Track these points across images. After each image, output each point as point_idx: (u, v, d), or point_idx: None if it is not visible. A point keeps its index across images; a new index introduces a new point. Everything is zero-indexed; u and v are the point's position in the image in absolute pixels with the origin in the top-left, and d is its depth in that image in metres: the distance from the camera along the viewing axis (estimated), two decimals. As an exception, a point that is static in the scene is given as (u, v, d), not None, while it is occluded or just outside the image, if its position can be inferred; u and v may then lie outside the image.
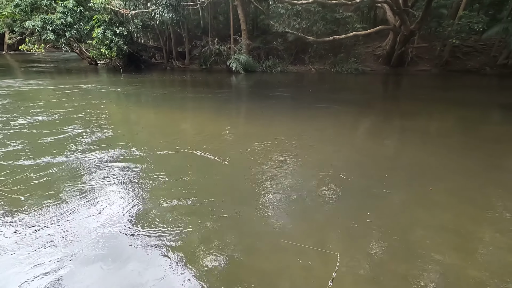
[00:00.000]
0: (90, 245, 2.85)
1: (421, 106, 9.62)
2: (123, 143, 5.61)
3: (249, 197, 3.76)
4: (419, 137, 6.45)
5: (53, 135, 5.96)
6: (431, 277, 2.48)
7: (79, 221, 3.21)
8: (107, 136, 6.02)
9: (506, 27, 15.24)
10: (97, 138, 5.85)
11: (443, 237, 2.99)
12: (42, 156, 4.86)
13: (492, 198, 3.86)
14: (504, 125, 7.59)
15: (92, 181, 4.07)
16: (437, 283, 2.43)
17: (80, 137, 5.86)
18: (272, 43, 19.15)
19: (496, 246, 2.89)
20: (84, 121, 6.98)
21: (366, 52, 19.83)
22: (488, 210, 3.56)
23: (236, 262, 2.65)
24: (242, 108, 9.91)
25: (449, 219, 3.32)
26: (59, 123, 6.76)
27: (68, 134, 6.06)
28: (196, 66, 20.05)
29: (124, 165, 4.60)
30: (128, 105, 9.52)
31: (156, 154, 5.07)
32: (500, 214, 3.49)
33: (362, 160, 5.04)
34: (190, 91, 12.49)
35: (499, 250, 2.82)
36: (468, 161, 5.04)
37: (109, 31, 16.21)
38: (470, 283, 2.43)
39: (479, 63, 17.80)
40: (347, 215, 3.40)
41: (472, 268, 2.59)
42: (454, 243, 2.90)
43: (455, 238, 2.98)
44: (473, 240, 2.97)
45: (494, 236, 3.05)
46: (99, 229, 3.08)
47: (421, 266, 2.61)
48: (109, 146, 5.44)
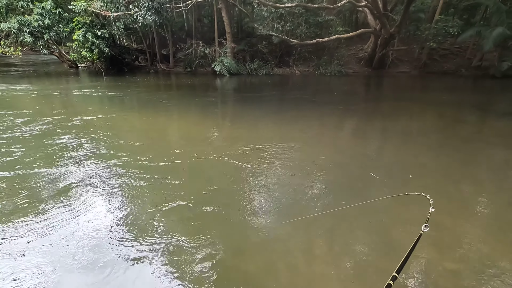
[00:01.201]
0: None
1: (401, 106, 9.94)
2: (113, 151, 5.49)
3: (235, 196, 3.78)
4: (399, 137, 6.67)
5: (47, 146, 5.77)
6: (410, 271, 2.58)
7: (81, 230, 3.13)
8: (96, 144, 5.88)
9: (479, 31, 16.00)
10: (89, 148, 5.70)
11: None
12: (41, 167, 4.70)
13: (467, 193, 4.05)
14: (477, 124, 7.98)
15: (82, 191, 3.97)
16: (416, 276, 2.52)
17: (72, 147, 5.69)
18: (256, 46, 19.30)
19: (471, 239, 3.03)
20: (76, 130, 6.73)
21: (349, 54, 20.31)
22: (463, 204, 3.73)
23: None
24: (227, 111, 9.92)
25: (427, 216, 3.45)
26: (48, 134, 6.51)
27: (59, 145, 5.88)
28: (181, 69, 19.90)
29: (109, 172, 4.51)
30: (113, 110, 9.32)
31: (140, 159, 5.00)
32: (474, 208, 3.67)
33: (346, 161, 5.16)
34: (175, 94, 12.38)
35: (474, 243, 2.96)
36: (445, 158, 5.26)
37: (90, 33, 15.84)
38: (447, 275, 2.54)
39: (455, 65, 18.60)
40: (331, 213, 3.47)
41: (449, 261, 2.71)
42: (432, 237, 3.03)
43: (433, 233, 3.10)
44: (450, 234, 3.11)
45: (469, 229, 3.20)
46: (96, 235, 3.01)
47: (400, 259, 2.70)
48: (99, 155, 5.31)
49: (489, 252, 2.80)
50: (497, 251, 2.82)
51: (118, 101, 10.51)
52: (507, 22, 15.29)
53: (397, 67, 19.36)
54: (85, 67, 20.12)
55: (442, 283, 2.46)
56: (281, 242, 2.98)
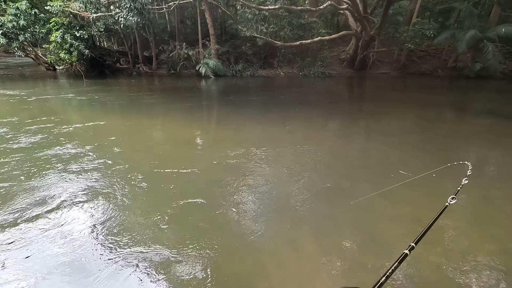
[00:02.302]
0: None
1: (383, 106, 10.25)
2: (97, 154, 5.34)
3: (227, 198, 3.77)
4: (382, 136, 6.87)
5: (29, 159, 5.51)
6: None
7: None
8: (80, 153, 5.69)
9: (453, 33, 16.76)
10: (75, 158, 5.50)
11: (406, 228, 3.22)
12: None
13: (447, 189, 4.23)
14: (454, 123, 8.35)
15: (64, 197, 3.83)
16: (401, 270, 2.61)
17: (59, 158, 5.47)
18: (241, 48, 19.33)
19: (453, 233, 3.17)
20: (61, 137, 6.50)
21: (331, 56, 20.72)
22: (444, 200, 3.89)
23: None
24: (214, 113, 9.87)
25: (410, 210, 3.59)
26: (34, 146, 6.25)
27: (43, 157, 5.64)
28: (164, 71, 19.61)
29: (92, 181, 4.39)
30: (95, 115, 9.05)
31: (124, 163, 4.90)
32: (455, 204, 3.83)
33: (332, 160, 5.26)
34: (160, 97, 12.18)
35: (455, 237, 3.10)
36: (425, 156, 5.47)
37: (68, 34, 15.32)
38: (431, 268, 2.65)
39: (432, 66, 19.39)
40: (319, 212, 3.54)
41: (432, 254, 2.82)
42: (416, 232, 3.14)
43: (416, 228, 3.22)
44: (432, 229, 3.23)
45: (450, 224, 3.35)
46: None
47: (386, 256, 2.79)
48: (84, 165, 5.14)
49: (471, 245, 2.94)
50: (476, 243, 2.96)
51: (100, 105, 10.22)
52: (478, 25, 16.11)
53: (378, 68, 19.94)
54: (64, 69, 19.44)
55: (426, 275, 2.56)
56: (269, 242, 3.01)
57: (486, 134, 7.07)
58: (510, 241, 2.98)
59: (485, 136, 6.94)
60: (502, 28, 15.68)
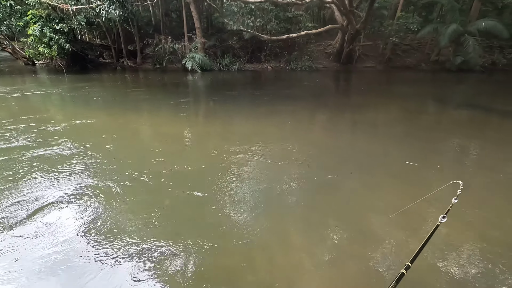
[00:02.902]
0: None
1: (368, 100, 10.42)
2: (86, 160, 5.20)
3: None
4: (368, 128, 7.01)
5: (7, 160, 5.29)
6: (379, 254, 2.75)
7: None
8: (67, 153, 5.52)
9: (436, 28, 17.12)
10: (62, 159, 5.34)
11: (390, 218, 3.32)
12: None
13: (428, 179, 4.38)
14: (435, 115, 8.60)
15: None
16: (386, 258, 2.71)
17: (43, 159, 5.29)
18: (227, 42, 19.10)
19: (434, 222, 3.29)
20: (43, 136, 6.24)
21: (318, 50, 20.80)
22: (426, 190, 4.03)
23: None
24: (201, 108, 9.78)
25: (394, 201, 3.70)
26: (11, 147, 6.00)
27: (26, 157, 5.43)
28: (149, 65, 19.20)
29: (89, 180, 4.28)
30: (79, 111, 8.80)
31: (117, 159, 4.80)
32: (437, 193, 3.98)
33: (319, 153, 5.33)
34: (146, 92, 11.93)
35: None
36: (408, 147, 5.63)
37: (47, 27, 14.71)
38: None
39: (416, 60, 19.79)
40: (306, 204, 3.60)
41: (414, 242, 2.93)
42: (399, 222, 3.25)
43: (400, 218, 3.33)
44: (415, 218, 3.36)
45: (432, 213, 3.48)
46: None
47: (370, 245, 2.88)
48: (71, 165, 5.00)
49: (449, 232, 3.06)
50: (456, 231, 3.09)
51: (84, 101, 9.93)
52: (460, 19, 16.52)
53: (364, 62, 20.19)
54: (43, 64, 18.72)
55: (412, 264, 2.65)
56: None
57: (466, 126, 7.32)
58: (485, 228, 3.13)
59: (465, 127, 7.18)
60: (482, 22, 16.15)
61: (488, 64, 17.83)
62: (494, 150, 5.54)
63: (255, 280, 2.48)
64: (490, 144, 5.90)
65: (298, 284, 2.46)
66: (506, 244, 2.89)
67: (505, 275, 2.51)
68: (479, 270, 2.56)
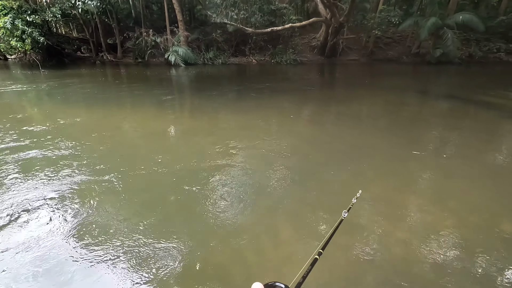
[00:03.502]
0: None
1: (353, 92, 10.56)
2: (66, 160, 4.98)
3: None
4: (352, 120, 7.10)
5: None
6: (366, 243, 2.81)
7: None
8: (45, 152, 5.27)
9: (416, 21, 17.50)
10: (38, 159, 5.08)
11: (376, 208, 3.40)
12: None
13: (412, 169, 4.50)
14: (416, 106, 8.82)
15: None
16: (373, 247, 2.76)
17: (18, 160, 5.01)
18: (211, 35, 18.80)
19: (418, 210, 3.39)
20: (19, 136, 5.96)
21: (303, 43, 20.85)
22: (410, 180, 4.15)
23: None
24: (187, 103, 9.60)
25: (380, 191, 3.77)
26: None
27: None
28: (131, 59, 18.65)
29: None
30: (59, 109, 8.43)
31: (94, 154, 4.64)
32: (419, 183, 4.10)
33: (305, 146, 5.36)
34: (128, 88, 11.58)
35: (420, 213, 3.32)
36: (392, 139, 5.75)
37: (19, 20, 13.94)
38: (398, 244, 2.82)
39: (397, 53, 20.22)
40: (295, 198, 3.61)
41: (399, 231, 3.01)
42: (385, 211, 3.33)
43: (386, 207, 3.41)
44: (400, 207, 3.44)
45: (415, 202, 3.58)
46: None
47: (357, 235, 2.93)
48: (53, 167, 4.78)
49: (432, 220, 3.16)
50: (438, 219, 3.20)
51: (63, 98, 9.52)
52: (439, 13, 16.95)
53: (347, 55, 20.43)
54: (17, 59, 17.82)
55: (394, 250, 2.73)
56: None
57: (446, 116, 7.56)
58: (467, 215, 3.25)
59: (445, 118, 7.41)
60: (459, 15, 16.64)
61: (466, 57, 18.46)
62: (472, 139, 5.76)
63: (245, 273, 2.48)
64: (469, 134, 6.13)
65: (288, 275, 2.48)
66: (483, 229, 3.02)
67: (481, 258, 2.62)
68: (459, 254, 2.66)
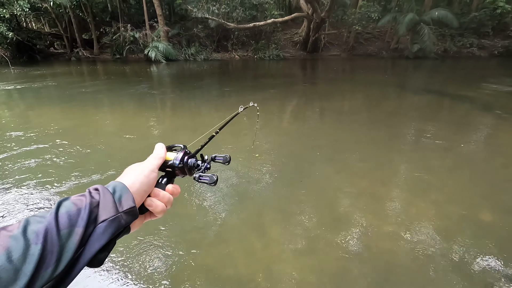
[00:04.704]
0: None
1: (335, 87, 10.70)
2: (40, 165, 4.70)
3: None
4: (335, 115, 7.20)
5: None
6: (354, 238, 2.85)
7: None
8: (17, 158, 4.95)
9: (394, 16, 17.93)
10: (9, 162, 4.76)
11: (362, 202, 3.45)
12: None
13: (395, 162, 4.62)
14: (396, 100, 9.06)
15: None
16: (360, 241, 2.81)
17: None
18: (192, 30, 18.42)
19: (402, 203, 3.48)
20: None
21: (285, 38, 20.86)
22: (393, 173, 4.26)
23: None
24: (168, 101, 9.37)
25: (365, 185, 3.84)
26: None
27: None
28: (108, 55, 17.96)
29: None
30: (28, 107, 7.98)
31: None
32: (402, 175, 4.21)
33: (290, 142, 5.37)
34: (106, 86, 11.14)
35: (404, 206, 3.41)
36: (375, 133, 5.87)
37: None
38: (386, 236, 2.88)
39: (377, 48, 20.67)
40: (281, 194, 3.61)
41: (385, 224, 3.07)
42: (370, 205, 3.39)
43: (371, 201, 3.47)
44: (385, 201, 3.52)
45: (399, 195, 3.67)
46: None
47: (346, 230, 2.97)
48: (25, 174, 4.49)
49: (417, 212, 3.26)
50: (421, 210, 3.29)
51: (36, 98, 9.03)
52: (416, 9, 17.44)
53: (329, 50, 20.66)
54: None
55: (381, 243, 2.78)
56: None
57: (424, 110, 7.81)
58: (447, 206, 3.37)
59: (423, 111, 7.65)
60: (435, 11, 17.20)
61: (441, 52, 19.15)
62: (448, 131, 5.98)
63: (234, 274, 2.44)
64: (445, 127, 6.36)
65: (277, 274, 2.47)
66: (463, 218, 3.14)
67: (461, 244, 2.73)
68: (440, 242, 2.75)
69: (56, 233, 0.40)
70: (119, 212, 0.47)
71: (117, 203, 0.48)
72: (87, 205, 0.45)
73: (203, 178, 0.65)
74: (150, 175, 0.57)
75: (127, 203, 0.49)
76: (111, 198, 0.48)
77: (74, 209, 0.44)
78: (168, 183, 0.62)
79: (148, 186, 0.56)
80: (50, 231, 0.40)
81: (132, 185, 0.53)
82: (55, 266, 0.39)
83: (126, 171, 0.57)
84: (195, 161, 0.67)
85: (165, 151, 0.63)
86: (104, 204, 0.46)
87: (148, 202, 0.57)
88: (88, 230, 0.43)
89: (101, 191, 0.48)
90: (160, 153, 0.62)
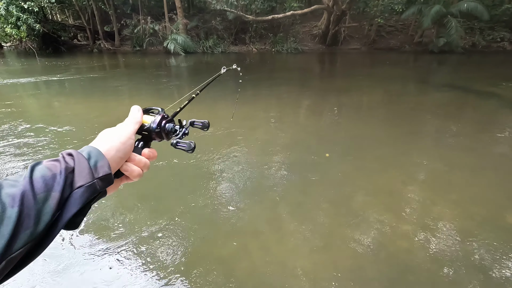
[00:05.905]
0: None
1: (353, 82, 10.44)
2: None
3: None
4: (353, 111, 7.04)
5: None
6: (371, 236, 2.81)
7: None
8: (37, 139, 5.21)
9: (419, 8, 17.14)
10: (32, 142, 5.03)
11: (380, 200, 3.39)
12: None
13: (414, 160, 4.48)
14: (418, 96, 8.72)
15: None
16: (377, 239, 2.77)
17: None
18: (210, 22, 18.43)
19: (422, 202, 3.39)
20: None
21: (303, 31, 20.49)
22: (413, 171, 4.14)
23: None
24: (184, 92, 9.48)
25: (383, 183, 3.76)
26: None
27: None
28: (129, 47, 18.33)
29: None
30: (60, 101, 8.32)
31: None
32: (423, 173, 4.09)
33: (307, 137, 5.32)
34: (128, 78, 11.41)
35: (424, 205, 3.31)
36: (393, 129, 5.71)
37: (14, 6, 13.59)
38: (403, 236, 2.82)
39: (400, 42, 19.91)
40: (297, 188, 3.60)
41: (403, 223, 3.00)
42: (389, 203, 3.32)
43: (389, 199, 3.40)
44: (403, 199, 3.44)
45: (419, 193, 3.57)
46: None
47: (362, 227, 2.93)
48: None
49: (438, 212, 3.16)
50: (442, 210, 3.19)
51: (58, 87, 9.39)
52: (443, 0, 16.59)
53: (348, 43, 20.11)
54: (12, 46, 17.51)
55: (399, 242, 2.73)
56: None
57: (447, 107, 7.49)
58: (470, 206, 3.25)
59: (446, 108, 7.35)
60: (464, 3, 16.28)
61: (469, 46, 18.18)
62: (473, 130, 5.72)
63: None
64: (470, 125, 6.08)
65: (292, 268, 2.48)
66: (486, 219, 3.02)
67: (484, 247, 2.63)
68: (462, 244, 2.66)
69: (33, 197, 0.41)
70: (94, 178, 0.47)
71: (92, 169, 0.48)
72: (63, 170, 0.45)
73: (180, 145, 0.64)
74: (127, 142, 0.56)
75: (103, 169, 0.49)
76: (86, 164, 0.47)
77: (49, 174, 0.44)
78: (144, 147, 0.61)
79: (125, 153, 0.56)
80: (27, 194, 0.40)
81: (107, 151, 0.52)
82: (34, 228, 0.40)
83: (101, 136, 0.56)
84: (173, 126, 0.65)
85: (141, 115, 0.62)
86: (79, 170, 0.46)
87: (124, 167, 0.57)
88: (64, 195, 0.44)
89: (76, 156, 0.48)
90: (136, 117, 0.61)
